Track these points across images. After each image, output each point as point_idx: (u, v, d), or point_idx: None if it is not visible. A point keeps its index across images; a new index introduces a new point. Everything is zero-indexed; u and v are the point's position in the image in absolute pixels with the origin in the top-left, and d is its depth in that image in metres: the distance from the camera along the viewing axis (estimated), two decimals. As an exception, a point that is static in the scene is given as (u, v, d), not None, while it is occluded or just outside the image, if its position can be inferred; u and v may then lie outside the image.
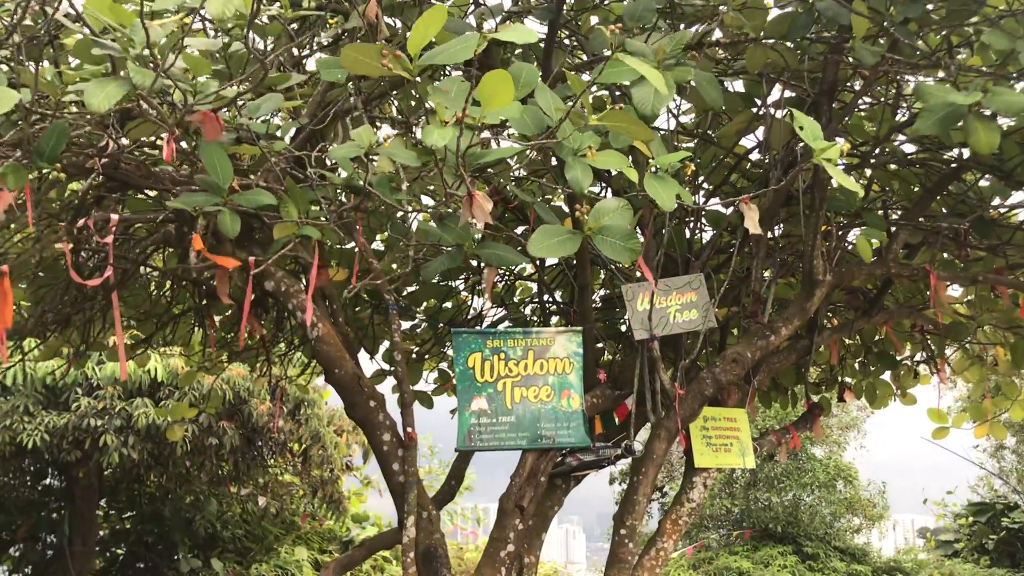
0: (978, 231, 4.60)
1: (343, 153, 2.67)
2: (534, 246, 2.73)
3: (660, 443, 4.66)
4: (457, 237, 2.76)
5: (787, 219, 5.29)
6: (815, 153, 2.81)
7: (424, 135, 2.33)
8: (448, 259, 2.93)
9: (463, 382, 4.52)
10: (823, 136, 4.38)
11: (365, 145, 2.63)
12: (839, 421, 19.81)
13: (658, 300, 4.66)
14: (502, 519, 4.52)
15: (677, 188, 2.94)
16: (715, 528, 19.91)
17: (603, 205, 2.90)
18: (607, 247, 2.83)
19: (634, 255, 2.82)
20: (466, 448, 4.49)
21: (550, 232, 2.77)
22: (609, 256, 2.84)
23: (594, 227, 2.81)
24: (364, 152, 2.65)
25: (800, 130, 2.82)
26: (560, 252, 2.74)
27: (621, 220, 2.86)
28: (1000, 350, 6.56)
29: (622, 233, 2.83)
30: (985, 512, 19.80)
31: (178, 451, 10.35)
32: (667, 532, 4.78)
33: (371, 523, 15.17)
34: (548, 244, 2.74)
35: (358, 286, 3.47)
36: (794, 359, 5.40)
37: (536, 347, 4.61)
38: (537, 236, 2.76)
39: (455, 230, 2.75)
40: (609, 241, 2.83)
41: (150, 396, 10.74)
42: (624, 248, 2.82)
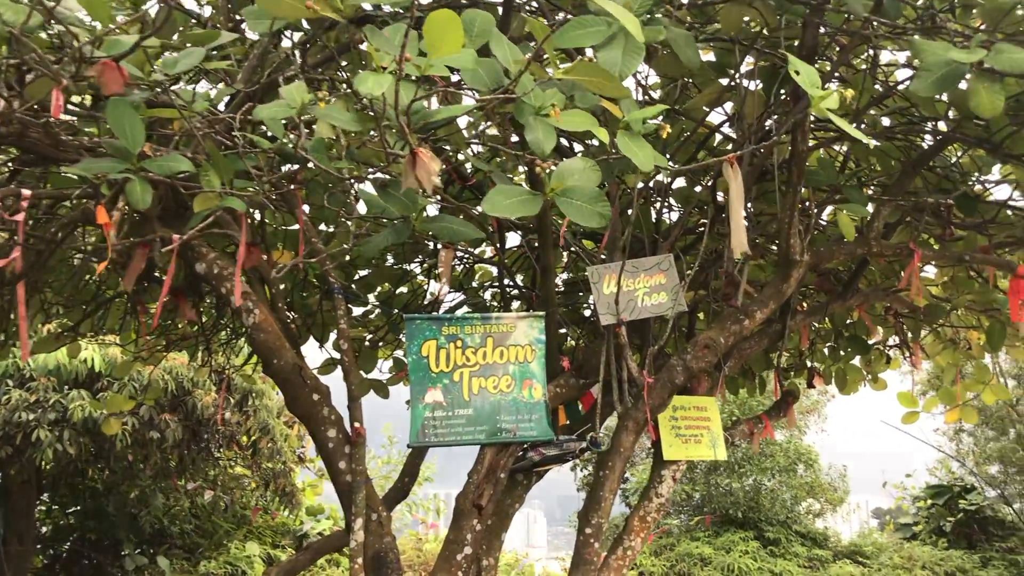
0: (962, 208, 4.34)
1: (270, 113, 2.31)
2: (489, 204, 2.39)
3: (627, 435, 4.36)
4: (403, 208, 2.41)
5: (760, 196, 4.99)
6: (813, 102, 2.49)
7: (358, 83, 1.98)
8: (393, 233, 2.57)
9: (416, 373, 4.18)
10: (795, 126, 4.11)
11: (297, 105, 2.27)
12: (800, 405, 19.73)
13: (625, 282, 4.35)
14: (459, 520, 4.19)
15: (654, 152, 2.62)
16: (676, 514, 19.78)
17: (568, 165, 2.56)
18: (572, 210, 2.50)
19: (603, 219, 2.49)
20: (420, 444, 4.15)
21: (508, 192, 2.42)
22: (575, 220, 2.50)
23: (558, 188, 2.47)
24: (297, 113, 2.28)
25: (796, 75, 2.51)
26: (519, 212, 2.40)
27: (588, 181, 2.52)
28: (973, 334, 6.36)
29: (589, 195, 2.50)
30: (943, 495, 19.89)
31: (117, 445, 9.82)
32: (635, 530, 4.49)
33: (326, 516, 14.74)
34: (506, 204, 2.39)
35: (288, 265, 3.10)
36: (766, 344, 5.13)
37: (496, 334, 4.28)
38: (493, 195, 2.41)
39: (400, 200, 2.40)
40: (575, 204, 2.50)
41: (87, 388, 10.18)
42: (592, 211, 2.49)
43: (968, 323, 6.26)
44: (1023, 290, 4.12)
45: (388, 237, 2.62)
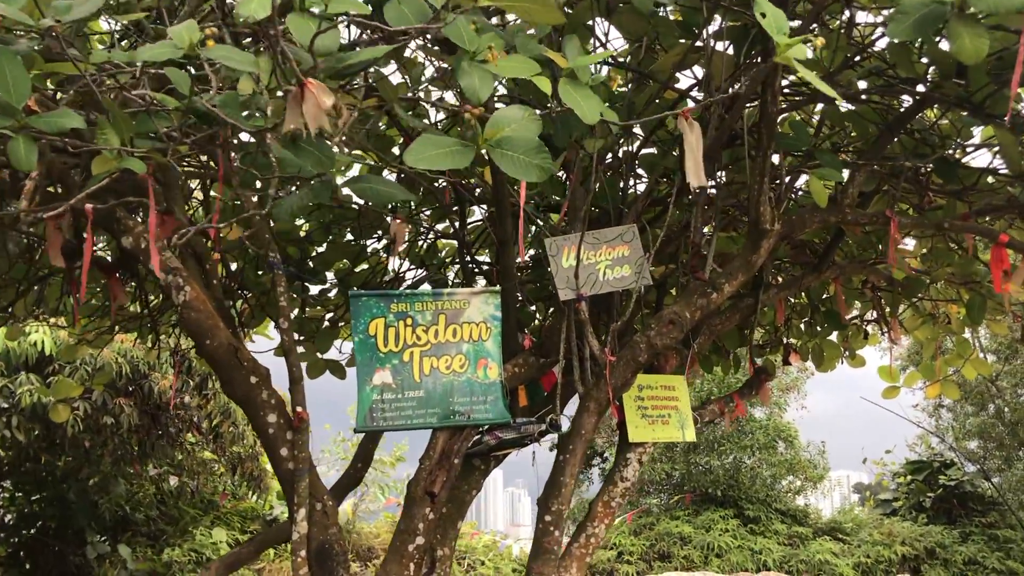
0: (942, 173, 4.10)
1: (153, 55, 2.02)
2: (413, 155, 2.11)
3: (589, 417, 4.11)
4: (318, 165, 2.13)
5: (731, 165, 4.74)
6: (779, 49, 2.23)
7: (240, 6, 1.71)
8: (309, 194, 2.28)
9: (363, 353, 3.92)
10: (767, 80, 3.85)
11: (184, 45, 1.99)
12: (779, 383, 19.61)
13: (585, 255, 4.10)
14: (410, 508, 3.94)
15: (601, 102, 2.35)
16: (656, 493, 19.65)
17: (504, 113, 2.29)
18: (507, 163, 2.22)
19: (543, 173, 2.23)
20: (367, 428, 3.90)
21: (435, 142, 2.15)
22: (511, 174, 2.24)
23: (492, 137, 2.20)
24: (185, 54, 2.00)
25: (762, 18, 2.25)
26: (447, 164, 2.13)
27: (527, 131, 2.25)
28: (953, 307, 6.15)
29: (527, 146, 2.23)
30: (923, 470, 19.85)
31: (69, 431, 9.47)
32: (599, 516, 4.26)
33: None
34: (432, 155, 2.12)
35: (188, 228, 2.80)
36: (737, 319, 4.89)
37: (448, 311, 4.02)
38: (417, 145, 2.14)
39: (312, 154, 2.12)
40: (510, 155, 2.22)
41: (37, 372, 9.81)
42: (529, 164, 2.22)
43: (948, 296, 6.05)
44: (1006, 259, 3.90)
45: (303, 198, 2.34)
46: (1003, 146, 3.84)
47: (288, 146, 2.10)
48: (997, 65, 3.82)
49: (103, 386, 9.06)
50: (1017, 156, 3.89)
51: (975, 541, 17.74)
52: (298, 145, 2.09)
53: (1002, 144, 3.85)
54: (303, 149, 2.10)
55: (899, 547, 17.47)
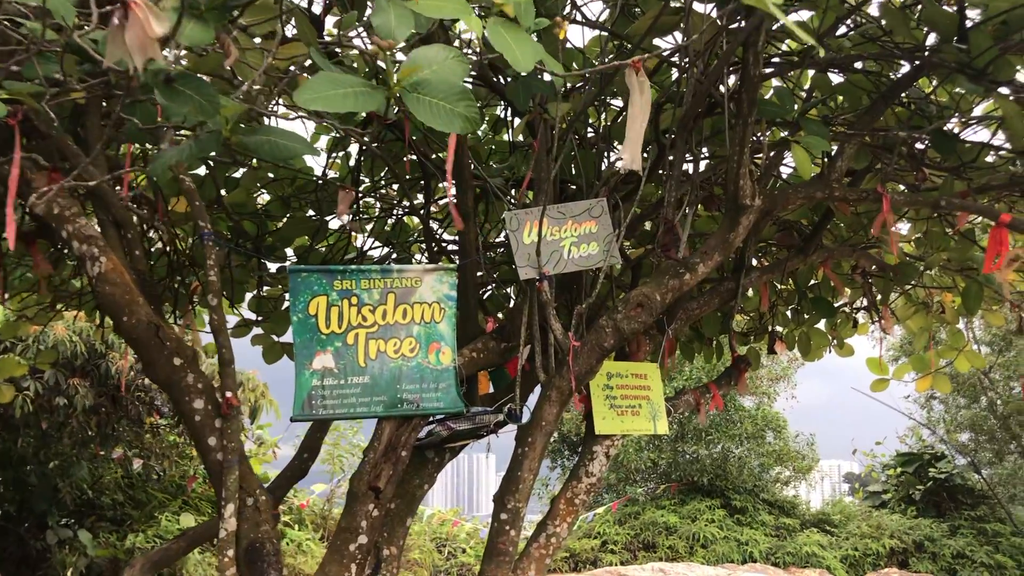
0: (939, 147, 3.76)
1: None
2: (305, 94, 1.75)
3: (550, 407, 3.77)
4: (199, 111, 1.78)
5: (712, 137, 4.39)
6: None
7: None
8: (195, 147, 1.92)
9: (303, 334, 3.57)
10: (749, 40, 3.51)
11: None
12: (769, 372, 19.33)
13: (549, 230, 3.75)
14: (352, 505, 3.60)
15: (539, 48, 2.00)
16: (642, 482, 19.37)
17: (423, 52, 1.93)
18: (424, 110, 1.86)
19: (468, 124, 1.87)
20: (305, 417, 3.55)
21: (333, 80, 1.79)
22: (428, 123, 1.88)
23: (406, 79, 1.85)
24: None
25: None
26: (348, 107, 1.78)
27: (449, 74, 1.89)
28: (948, 296, 5.82)
29: (448, 91, 1.87)
30: (913, 463, 19.61)
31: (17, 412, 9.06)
32: (560, 514, 3.93)
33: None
34: (327, 95, 1.75)
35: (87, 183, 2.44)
36: (717, 304, 4.55)
37: (398, 289, 3.67)
38: (313, 83, 1.78)
39: (193, 99, 1.77)
40: (428, 101, 1.86)
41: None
42: (451, 112, 1.86)
43: (942, 284, 5.71)
44: (1005, 241, 3.56)
45: (184, 151, 1.98)
46: (1007, 117, 3.50)
47: (161, 88, 1.75)
48: (1001, 29, 3.48)
49: (50, 365, 8.67)
50: (1021, 129, 3.54)
51: (964, 535, 17.50)
52: (173, 87, 1.74)
53: (1006, 115, 3.51)
54: (179, 92, 1.74)
55: (887, 540, 17.23)
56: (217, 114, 1.82)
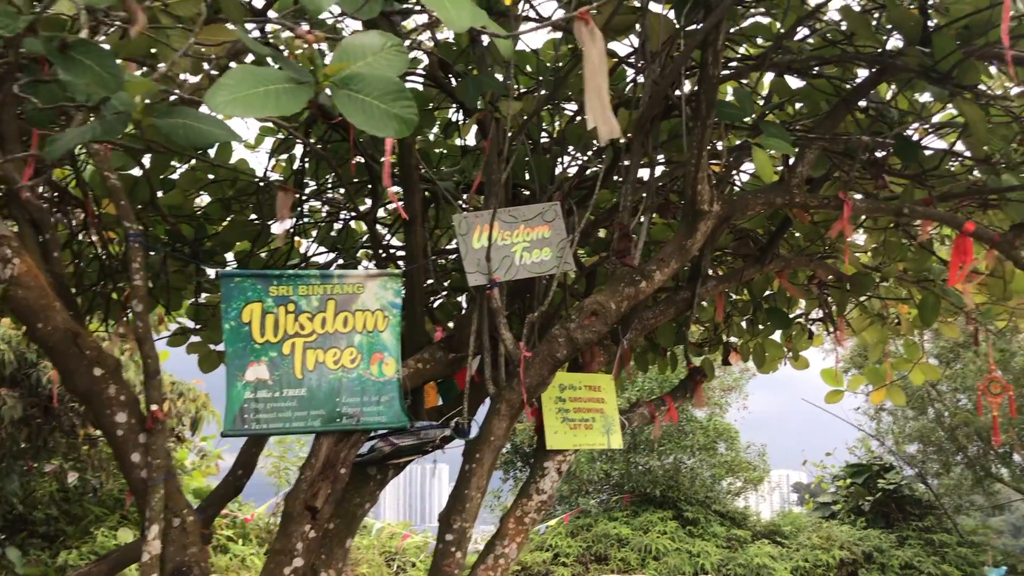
0: (901, 153, 3.65)
1: None
2: (216, 95, 1.54)
3: (499, 421, 3.58)
4: (100, 84, 1.55)
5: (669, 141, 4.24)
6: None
7: None
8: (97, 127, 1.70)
9: (235, 343, 3.35)
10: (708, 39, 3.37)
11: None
12: (721, 383, 19.32)
13: (500, 235, 3.58)
14: (287, 526, 3.38)
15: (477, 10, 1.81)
16: (594, 493, 19.23)
17: (357, 40, 1.72)
18: (355, 109, 1.66)
19: (404, 126, 1.67)
20: (236, 432, 3.32)
21: (252, 76, 1.58)
22: (359, 125, 1.68)
23: (335, 73, 1.65)
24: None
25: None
26: (266, 110, 1.58)
27: (385, 68, 1.70)
28: (903, 307, 5.75)
29: (384, 88, 1.67)
30: (862, 473, 19.72)
31: (-67, 424, 8.62)
32: (510, 534, 3.74)
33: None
34: (243, 95, 1.54)
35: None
36: (673, 313, 4.41)
37: (339, 296, 3.47)
38: (227, 81, 1.57)
39: (93, 70, 1.55)
40: (360, 100, 1.66)
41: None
42: (385, 113, 1.66)
43: (897, 295, 5.64)
44: (969, 250, 3.46)
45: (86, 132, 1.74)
46: (971, 123, 3.40)
47: (56, 56, 1.54)
48: (964, 34, 3.39)
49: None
50: (985, 135, 3.45)
51: (912, 545, 17.62)
52: (69, 56, 1.53)
53: (970, 121, 3.41)
54: (75, 61, 1.53)
55: (837, 551, 17.28)
56: (119, 88, 1.60)
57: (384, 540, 16.01)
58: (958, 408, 17.65)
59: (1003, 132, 3.69)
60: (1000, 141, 3.70)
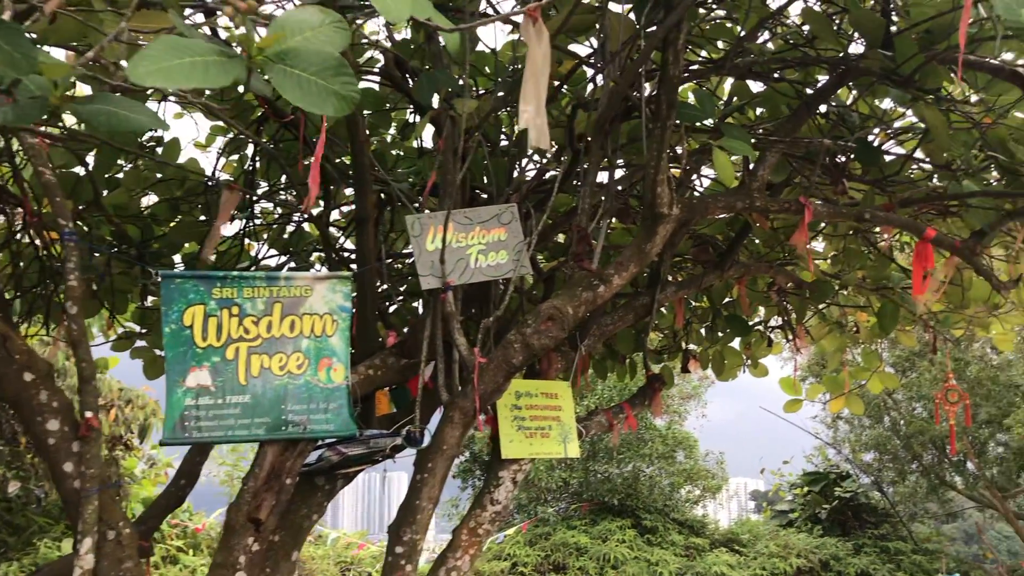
0: (862, 158, 3.60)
1: None
2: (139, 66, 1.41)
3: (453, 429, 3.47)
4: (10, 65, 1.42)
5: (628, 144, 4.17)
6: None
7: None
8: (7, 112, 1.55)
9: (175, 348, 3.21)
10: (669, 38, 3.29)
11: None
12: (680, 391, 19.33)
13: (455, 237, 3.47)
14: (229, 538, 3.24)
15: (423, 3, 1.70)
16: (553, 502, 19.12)
17: (292, 15, 1.61)
18: (291, 85, 1.54)
19: (344, 104, 1.56)
20: (176, 440, 3.18)
21: (176, 48, 1.45)
22: (296, 102, 1.56)
23: (269, 47, 1.53)
24: None
25: None
26: (192, 81, 1.45)
27: (323, 43, 1.58)
28: (862, 315, 5.73)
29: (322, 64, 1.55)
30: (819, 482, 19.83)
31: None
32: (462, 546, 3.62)
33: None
34: (167, 66, 1.42)
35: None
36: (631, 319, 4.33)
37: (285, 299, 3.33)
38: (150, 51, 1.44)
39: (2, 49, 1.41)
40: (296, 75, 1.54)
41: None
42: (324, 89, 1.54)
43: (856, 303, 5.62)
44: (930, 257, 3.42)
45: (1, 117, 1.61)
46: (932, 127, 3.36)
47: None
48: (926, 38, 3.35)
49: None
50: (947, 140, 3.41)
51: (868, 553, 17.74)
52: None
53: (931, 125, 3.37)
54: (-18, 38, 1.40)
55: (794, 559, 17.34)
56: (32, 70, 1.47)
57: (340, 550, 15.75)
58: (914, 417, 17.81)
59: (964, 138, 3.67)
60: (961, 147, 3.67)
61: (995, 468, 17.41)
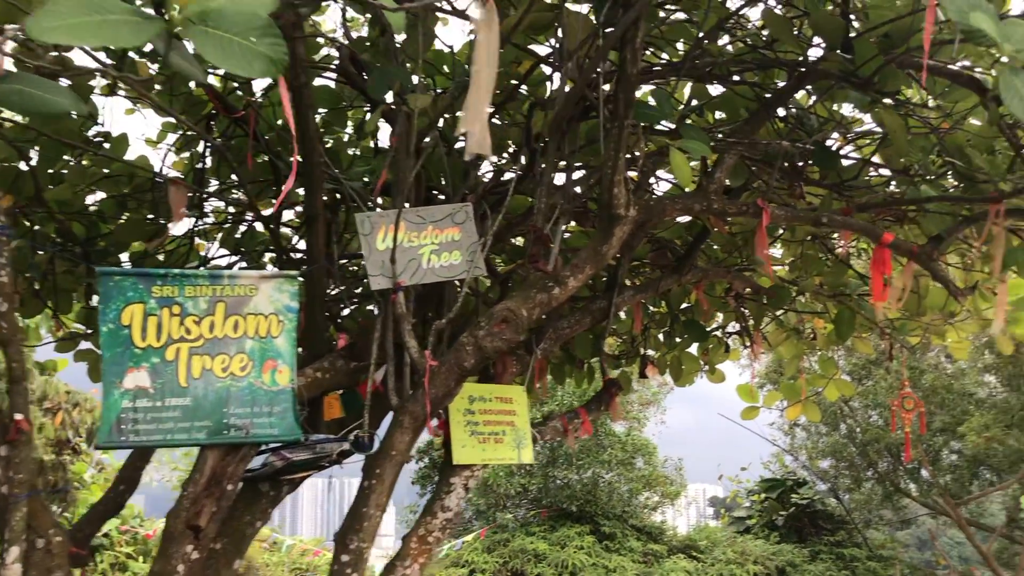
0: (820, 161, 3.57)
1: None
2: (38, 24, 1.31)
3: (402, 434, 3.37)
4: None
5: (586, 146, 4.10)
6: None
7: None
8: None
9: (113, 347, 3.07)
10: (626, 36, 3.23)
11: None
12: (640, 397, 19.35)
13: (407, 236, 3.38)
14: (167, 547, 3.11)
15: None
16: (512, 508, 19.03)
17: (217, -25, 1.52)
18: (214, 46, 1.43)
19: (273, 66, 1.46)
20: (113, 443, 3.05)
21: (86, 4, 1.35)
22: (219, 63, 1.45)
23: (189, 7, 1.43)
24: None
25: None
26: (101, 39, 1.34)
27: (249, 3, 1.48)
28: (820, 321, 5.72)
29: (247, 24, 1.45)
30: (776, 488, 19.95)
31: None
32: (412, 554, 3.52)
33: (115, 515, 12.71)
34: (72, 23, 1.32)
35: None
36: (588, 323, 4.26)
37: (229, 298, 3.21)
38: (55, 7, 1.33)
39: None
40: (219, 36, 1.44)
41: None
42: (249, 51, 1.44)
43: (813, 309, 5.60)
44: (888, 262, 3.39)
45: None
46: (891, 131, 3.33)
47: None
48: (885, 41, 3.32)
49: None
50: (904, 145, 3.39)
51: (823, 560, 17.86)
52: None
53: (890, 129, 3.34)
54: None
55: (751, 566, 17.41)
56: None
57: (295, 557, 15.54)
58: (869, 424, 17.97)
59: (921, 143, 3.65)
60: (919, 152, 3.65)
61: (948, 476, 17.62)
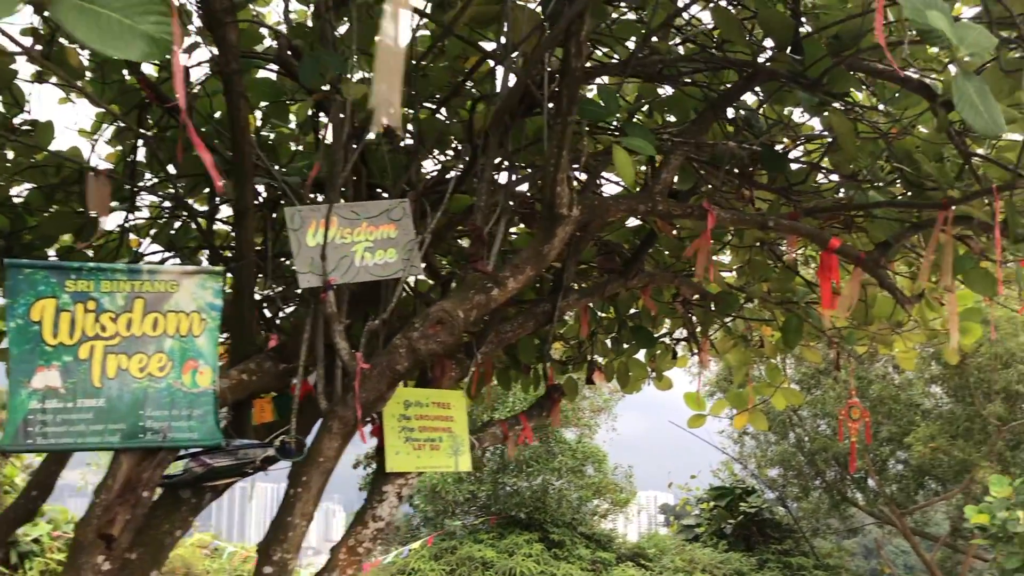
0: (769, 164, 3.49)
1: None
2: None
3: (330, 440, 3.21)
4: None
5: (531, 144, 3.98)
6: None
7: None
8: None
9: (21, 345, 2.88)
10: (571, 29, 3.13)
11: None
12: (591, 404, 19.32)
13: (339, 232, 3.23)
14: (76, 557, 2.92)
15: None
16: (461, 514, 18.85)
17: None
18: (87, 24, 1.28)
19: (155, 47, 1.31)
20: (18, 447, 2.85)
21: None
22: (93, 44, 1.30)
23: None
24: None
25: None
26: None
27: (132, -22, 1.35)
28: (767, 329, 5.66)
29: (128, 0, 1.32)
30: (725, 496, 20.04)
31: None
32: (340, 565, 3.36)
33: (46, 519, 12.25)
34: None
35: None
36: (532, 327, 4.14)
37: (148, 294, 3.03)
38: None
39: None
40: (93, 12, 1.29)
41: None
42: (128, 29, 1.31)
43: (761, 317, 5.54)
44: (835, 268, 3.32)
45: None
46: (839, 135, 3.26)
47: None
48: (834, 44, 3.25)
49: None
50: (853, 148, 3.32)
51: (771, 568, 17.95)
52: None
53: (838, 133, 3.27)
54: None
55: (700, 574, 17.44)
56: None
57: (236, 564, 15.21)
58: (818, 434, 18.12)
59: (870, 148, 3.59)
60: (867, 157, 3.59)
61: (894, 485, 17.81)
